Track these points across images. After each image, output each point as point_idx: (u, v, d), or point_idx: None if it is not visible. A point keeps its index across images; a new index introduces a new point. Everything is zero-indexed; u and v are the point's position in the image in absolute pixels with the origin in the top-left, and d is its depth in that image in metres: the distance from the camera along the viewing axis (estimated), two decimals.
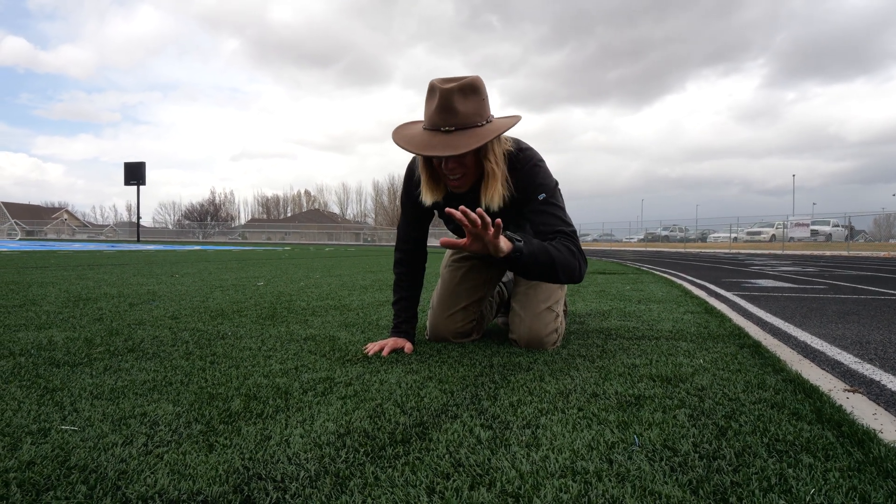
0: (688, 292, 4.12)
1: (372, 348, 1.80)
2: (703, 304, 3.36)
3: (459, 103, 1.59)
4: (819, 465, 0.92)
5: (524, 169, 1.75)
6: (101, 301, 3.08)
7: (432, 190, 1.78)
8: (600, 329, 2.34)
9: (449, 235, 1.81)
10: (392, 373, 1.54)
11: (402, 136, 1.69)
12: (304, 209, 76.04)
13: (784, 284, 5.28)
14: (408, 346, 1.82)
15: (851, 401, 1.37)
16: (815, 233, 28.82)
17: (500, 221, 1.46)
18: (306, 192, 79.46)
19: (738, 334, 2.20)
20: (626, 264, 9.10)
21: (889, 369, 1.77)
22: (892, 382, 1.61)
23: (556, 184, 1.82)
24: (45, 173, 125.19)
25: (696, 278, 6.00)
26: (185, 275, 5.30)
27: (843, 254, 18.55)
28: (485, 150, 1.66)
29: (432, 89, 1.62)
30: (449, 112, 1.60)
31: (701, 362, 1.69)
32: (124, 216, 71.21)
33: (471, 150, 1.58)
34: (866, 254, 18.34)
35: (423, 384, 1.42)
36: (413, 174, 1.89)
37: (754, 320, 2.87)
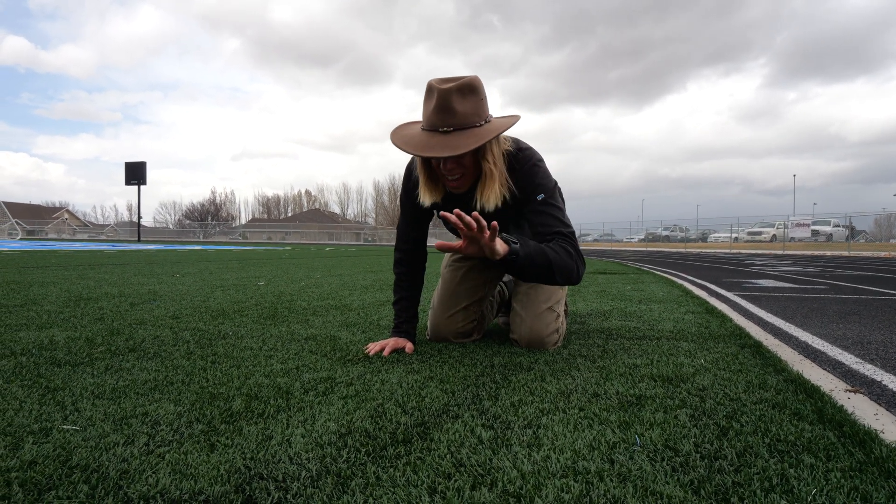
0: (689, 292, 4.12)
1: (373, 348, 1.80)
2: (704, 304, 3.36)
3: (457, 103, 1.58)
4: (821, 466, 0.92)
5: (523, 168, 1.74)
6: (102, 301, 3.08)
7: (431, 191, 1.76)
8: (601, 329, 2.34)
9: (448, 236, 1.81)
10: (393, 373, 1.54)
11: (400, 136, 1.68)
12: (305, 209, 76.04)
13: (785, 285, 5.27)
14: (409, 346, 1.82)
15: (853, 401, 1.37)
16: (815, 233, 28.80)
17: (495, 224, 1.44)
18: (307, 192, 79.55)
19: (739, 334, 2.20)
20: (627, 264, 9.10)
21: (890, 370, 1.77)
22: (894, 383, 1.61)
23: (556, 184, 1.81)
24: (46, 173, 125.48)
25: (697, 278, 5.99)
26: (186, 274, 5.30)
27: (843, 254, 18.53)
28: (483, 150, 1.65)
29: (430, 90, 1.61)
30: (447, 112, 1.58)
31: (702, 362, 1.69)
32: (125, 216, 71.39)
33: (469, 151, 1.57)
34: (867, 254, 18.32)
35: (425, 384, 1.42)
36: (412, 174, 1.88)
37: (755, 320, 2.87)
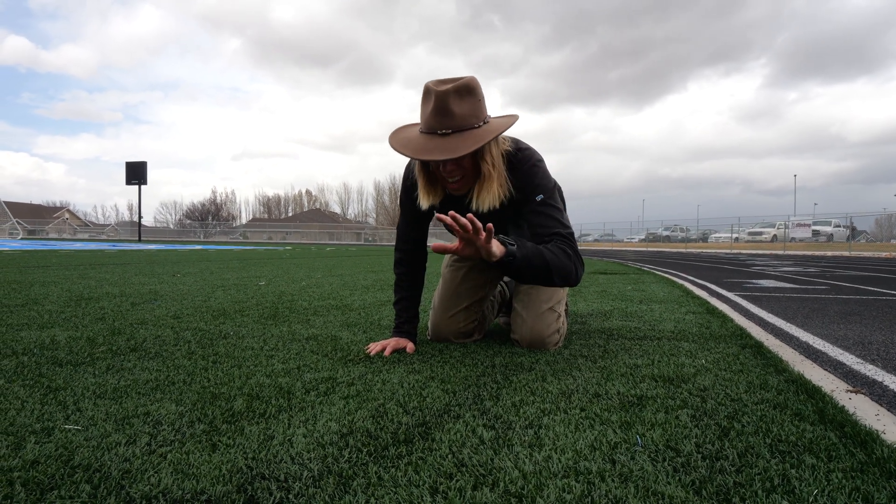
0: (689, 292, 4.12)
1: (374, 348, 1.80)
2: (705, 304, 3.36)
3: (455, 105, 1.57)
4: (822, 466, 0.92)
5: (523, 168, 1.74)
6: (104, 300, 3.08)
7: (429, 193, 1.76)
8: (602, 329, 2.34)
9: (448, 237, 1.81)
10: (394, 373, 1.54)
11: (398, 139, 1.68)
12: (306, 209, 76.05)
13: (786, 285, 5.27)
14: (410, 346, 1.82)
15: (854, 401, 1.37)
16: (816, 233, 28.77)
17: (491, 226, 1.43)
18: (307, 192, 79.53)
19: (739, 335, 2.20)
20: (628, 264, 9.10)
21: (891, 370, 1.77)
22: (895, 383, 1.61)
23: (555, 184, 1.81)
24: (47, 173, 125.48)
25: (698, 278, 5.99)
26: (187, 274, 5.31)
27: (844, 254, 18.52)
28: (481, 151, 1.64)
29: (427, 92, 1.60)
30: (445, 114, 1.58)
31: (703, 363, 1.69)
32: (126, 216, 71.38)
33: (469, 153, 1.57)
34: (868, 254, 18.31)
35: (426, 384, 1.42)
36: (411, 174, 1.87)
37: (756, 321, 2.87)
